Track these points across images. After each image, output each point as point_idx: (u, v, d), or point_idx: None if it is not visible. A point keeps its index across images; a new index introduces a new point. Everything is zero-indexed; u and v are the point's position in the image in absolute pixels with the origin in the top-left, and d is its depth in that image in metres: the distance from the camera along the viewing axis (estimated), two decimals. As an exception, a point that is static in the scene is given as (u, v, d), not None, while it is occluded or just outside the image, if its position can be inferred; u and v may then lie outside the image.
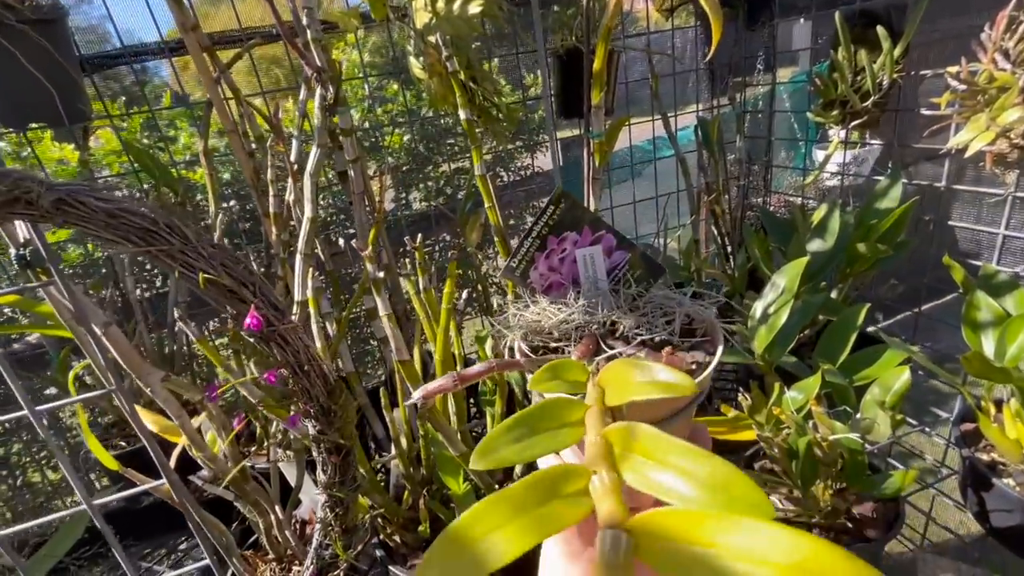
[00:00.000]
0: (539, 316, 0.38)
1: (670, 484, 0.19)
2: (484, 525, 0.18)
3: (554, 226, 0.40)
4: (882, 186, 0.86)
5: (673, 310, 0.38)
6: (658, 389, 0.24)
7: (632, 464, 0.20)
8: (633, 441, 0.21)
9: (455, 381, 0.29)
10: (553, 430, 0.24)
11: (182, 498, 0.44)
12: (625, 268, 0.42)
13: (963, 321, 0.73)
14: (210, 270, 0.36)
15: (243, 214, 1.46)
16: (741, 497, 0.18)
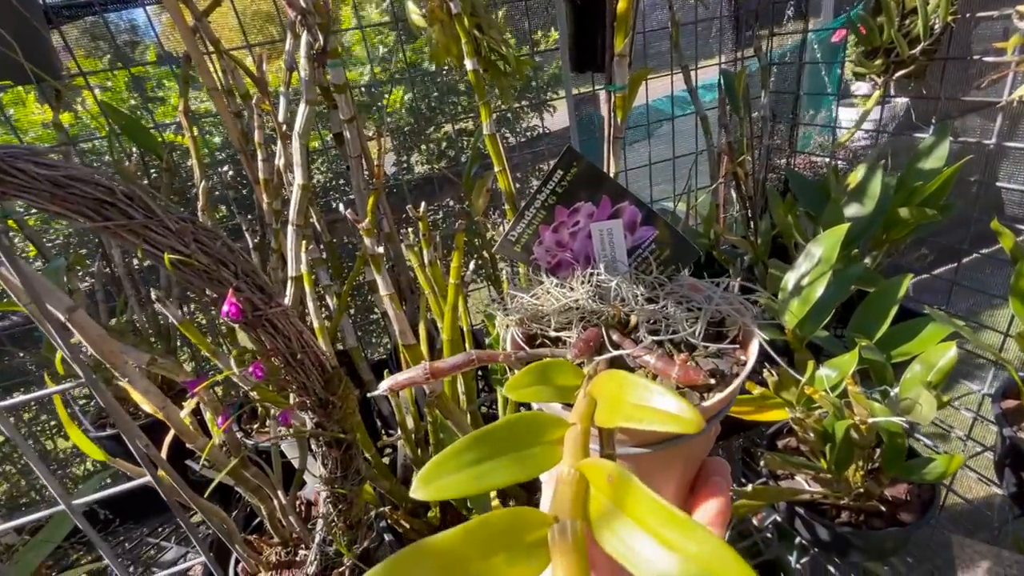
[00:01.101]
0: (540, 299, 0.33)
1: (649, 557, 0.14)
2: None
3: (563, 194, 0.34)
4: (926, 144, 0.79)
5: (700, 305, 0.32)
6: (652, 418, 0.19)
7: (611, 521, 0.16)
8: (616, 489, 0.17)
9: (426, 374, 0.25)
10: (522, 451, 0.19)
11: (171, 495, 0.41)
12: (650, 247, 0.36)
13: (1011, 291, 0.68)
14: (180, 247, 0.31)
15: (238, 180, 1.40)
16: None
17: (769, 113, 1.11)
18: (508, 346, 0.30)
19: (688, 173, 1.12)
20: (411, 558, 0.14)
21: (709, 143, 1.06)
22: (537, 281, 0.35)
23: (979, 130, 1.13)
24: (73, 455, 1.15)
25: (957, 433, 0.96)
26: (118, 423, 0.37)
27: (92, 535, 0.38)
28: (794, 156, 1.19)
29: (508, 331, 0.31)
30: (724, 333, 0.30)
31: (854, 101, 1.77)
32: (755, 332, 0.28)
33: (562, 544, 0.15)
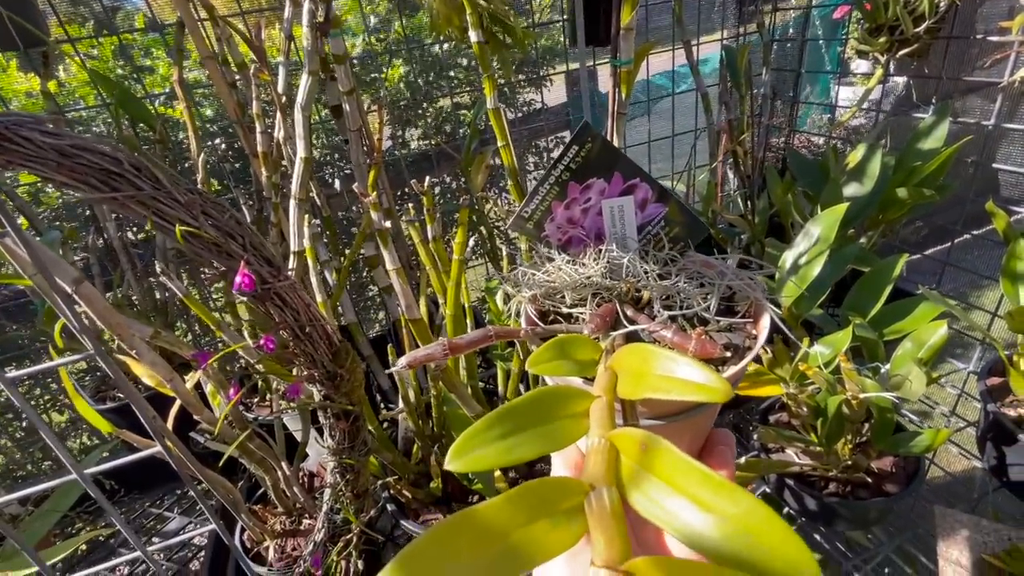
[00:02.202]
0: (552, 276, 0.33)
1: (688, 520, 0.15)
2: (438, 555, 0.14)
3: (576, 170, 0.34)
4: (926, 124, 0.79)
5: (711, 281, 0.32)
6: (681, 389, 0.20)
7: (643, 484, 0.16)
8: (648, 455, 0.17)
9: (444, 350, 0.25)
10: (548, 424, 0.19)
11: (181, 466, 0.41)
12: (660, 225, 0.36)
13: (1002, 272, 0.69)
14: (190, 220, 0.31)
15: (231, 153, 1.37)
16: (777, 550, 0.13)
17: (770, 91, 1.10)
18: (523, 322, 0.31)
19: (688, 151, 1.11)
20: (459, 525, 0.14)
21: (709, 120, 1.05)
22: (547, 258, 0.35)
23: (979, 111, 1.14)
24: (69, 429, 1.15)
25: (941, 409, 0.99)
26: (127, 394, 0.37)
27: (103, 502, 0.38)
28: (793, 135, 1.18)
29: (522, 307, 0.31)
30: (734, 308, 0.31)
31: (853, 80, 1.76)
32: (766, 306, 0.29)
33: (599, 511, 0.15)
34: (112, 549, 0.86)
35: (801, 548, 0.13)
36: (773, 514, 0.14)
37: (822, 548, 0.77)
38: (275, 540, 0.61)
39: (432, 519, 0.61)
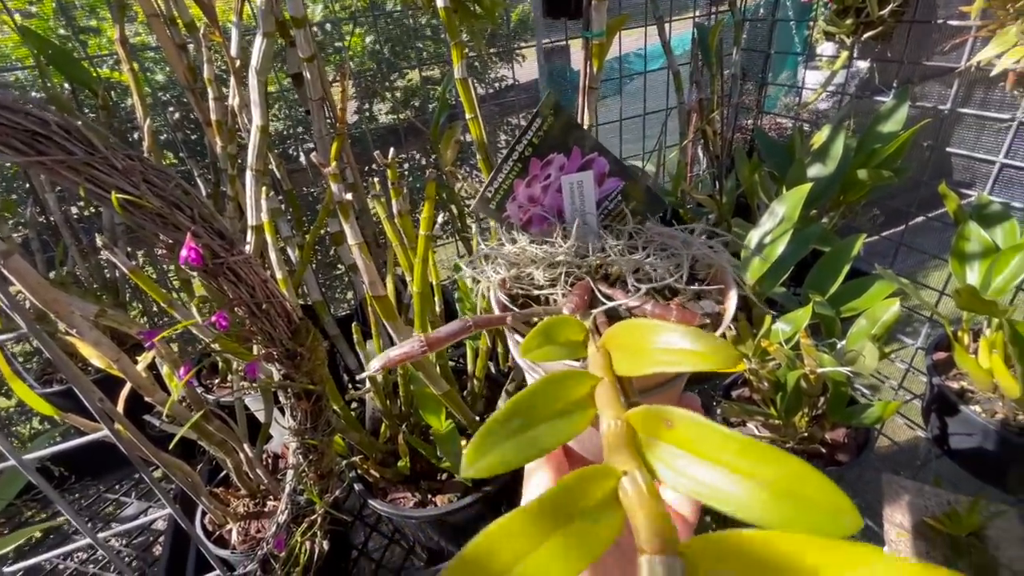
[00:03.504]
0: (518, 258, 0.32)
1: (721, 486, 0.15)
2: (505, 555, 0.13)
3: (539, 145, 0.33)
4: (887, 108, 0.81)
5: (677, 251, 0.33)
6: (688, 359, 0.19)
7: (665, 458, 0.16)
8: (665, 429, 0.17)
9: (423, 346, 0.24)
10: (558, 413, 0.19)
11: (131, 450, 0.39)
12: (617, 199, 0.35)
13: (951, 252, 0.72)
14: (129, 188, 0.28)
15: (188, 124, 1.30)
16: (819, 502, 0.13)
17: (740, 71, 1.11)
18: (495, 308, 0.30)
19: (659, 130, 1.11)
20: (502, 532, 0.14)
21: (680, 100, 1.05)
22: (510, 240, 0.34)
23: (937, 96, 1.17)
24: (16, 414, 1.09)
25: (891, 383, 1.04)
26: (67, 375, 0.35)
27: (47, 490, 0.36)
28: (761, 116, 1.20)
29: (490, 293, 0.30)
30: (697, 276, 0.31)
31: (819, 64, 1.79)
32: (730, 270, 0.29)
33: (637, 495, 0.15)
34: (67, 535, 0.83)
35: (843, 499, 0.14)
36: (808, 467, 0.14)
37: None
38: (238, 523, 0.60)
39: (400, 498, 0.61)
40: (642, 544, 0.14)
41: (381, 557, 0.76)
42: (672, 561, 0.13)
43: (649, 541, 0.14)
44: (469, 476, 0.16)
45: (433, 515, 0.58)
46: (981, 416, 0.66)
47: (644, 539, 0.14)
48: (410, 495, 0.61)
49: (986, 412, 0.67)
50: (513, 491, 0.62)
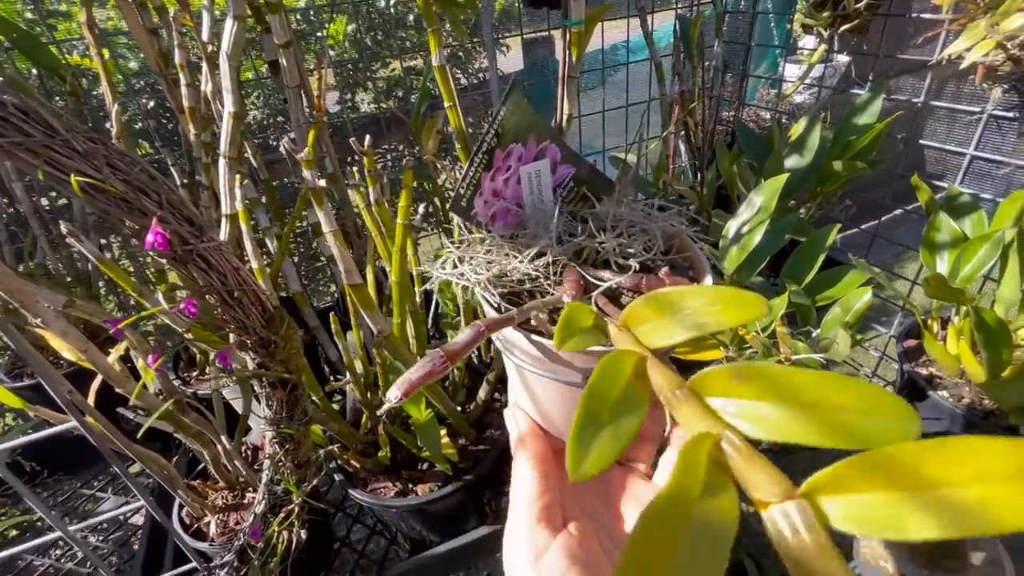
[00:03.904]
0: (494, 256, 0.32)
1: (804, 422, 0.16)
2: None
3: (502, 136, 0.32)
4: (862, 100, 0.82)
5: (645, 226, 0.33)
6: (722, 318, 0.20)
7: (743, 412, 0.17)
8: (735, 384, 0.17)
9: (443, 362, 0.22)
10: (622, 403, 0.19)
11: (103, 442, 0.39)
12: (570, 186, 0.35)
13: (923, 242, 0.74)
14: (91, 172, 0.28)
15: (161, 112, 1.27)
16: (890, 412, 0.15)
17: (721, 63, 1.12)
18: (487, 309, 0.29)
19: (641, 121, 1.11)
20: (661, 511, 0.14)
21: (662, 91, 1.05)
22: (478, 239, 0.33)
23: (911, 89, 1.19)
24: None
25: (865, 371, 1.07)
26: (33, 365, 0.34)
27: (14, 482, 0.35)
28: (742, 108, 1.21)
29: (480, 295, 0.30)
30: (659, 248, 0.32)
31: (800, 57, 1.81)
32: (690, 239, 0.30)
33: (741, 453, 0.15)
34: (40, 531, 0.81)
35: (903, 406, 0.15)
36: (863, 383, 0.15)
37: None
38: (217, 515, 0.59)
39: (381, 487, 0.61)
40: (763, 498, 0.14)
41: (363, 548, 0.76)
42: (801, 504, 0.13)
43: (771, 492, 0.14)
44: (585, 476, 0.17)
45: (414, 504, 0.58)
46: (948, 401, 0.68)
47: (765, 492, 0.14)
48: (391, 485, 0.61)
49: (953, 397, 0.69)
50: (494, 479, 0.63)
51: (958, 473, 0.12)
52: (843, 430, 0.15)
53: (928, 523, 0.12)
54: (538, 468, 0.30)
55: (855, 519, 0.13)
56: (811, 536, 0.13)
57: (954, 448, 0.13)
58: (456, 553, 0.64)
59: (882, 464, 0.13)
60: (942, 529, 0.12)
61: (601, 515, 0.32)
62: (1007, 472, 0.12)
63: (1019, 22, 0.57)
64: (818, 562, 0.12)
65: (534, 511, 0.29)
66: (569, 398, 0.30)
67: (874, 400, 0.15)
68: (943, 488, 0.12)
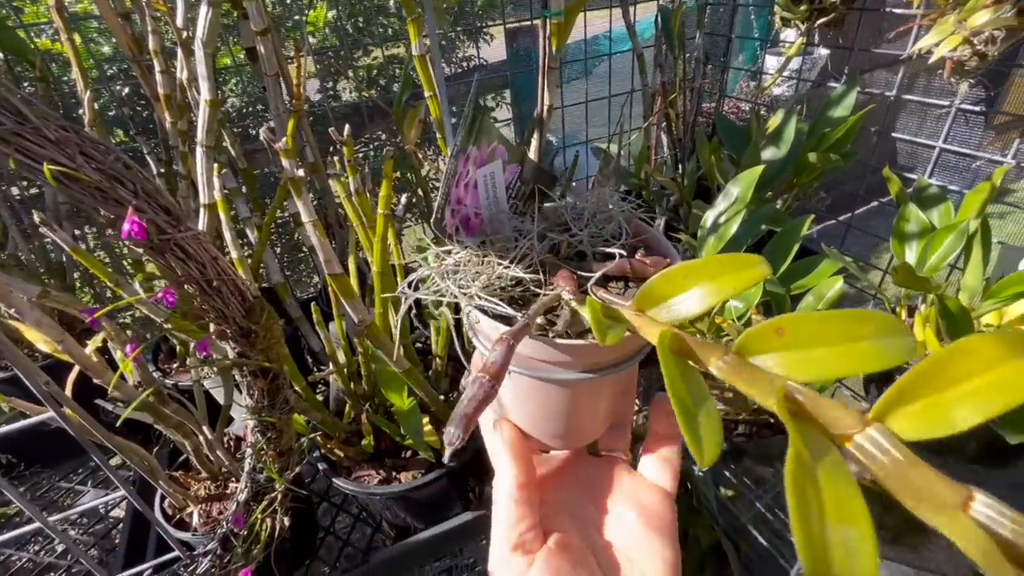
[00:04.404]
0: (479, 267, 0.31)
1: (838, 356, 0.18)
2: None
3: (463, 141, 0.31)
4: (837, 93, 0.84)
5: (610, 215, 0.34)
6: (732, 281, 0.22)
7: (790, 361, 0.18)
8: (777, 337, 0.19)
9: (490, 383, 0.21)
10: (697, 394, 0.20)
11: (81, 433, 0.39)
12: (518, 185, 0.35)
13: (892, 232, 0.76)
14: (64, 160, 0.28)
15: (137, 100, 1.24)
16: (894, 329, 0.18)
17: (702, 55, 1.13)
18: (483, 326, 0.29)
19: (622, 112, 1.12)
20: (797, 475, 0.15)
21: (644, 82, 1.06)
22: (444, 252, 0.32)
23: (884, 83, 1.22)
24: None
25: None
26: (7, 356, 0.34)
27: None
28: (722, 100, 1.22)
29: (471, 315, 0.29)
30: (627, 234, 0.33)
31: (781, 50, 1.83)
32: (639, 221, 0.31)
33: (808, 398, 0.17)
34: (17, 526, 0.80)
35: (894, 321, 0.17)
36: (871, 312, 0.17)
37: (732, 483, 0.85)
38: (199, 505, 0.59)
39: (365, 475, 0.62)
40: (844, 432, 0.16)
41: (348, 536, 0.76)
42: (879, 428, 0.15)
43: (848, 424, 0.16)
44: (712, 460, 0.18)
45: (397, 491, 0.59)
46: (915, 385, 0.71)
47: (843, 426, 0.16)
48: (375, 473, 0.62)
49: (919, 381, 0.72)
50: (477, 466, 0.64)
51: (974, 366, 0.15)
52: (869, 355, 0.17)
53: (966, 413, 0.15)
54: (518, 495, 0.30)
55: (914, 428, 0.15)
56: (898, 451, 0.15)
57: (961, 349, 0.15)
58: (440, 539, 0.65)
59: (915, 381, 0.16)
60: (979, 413, 0.15)
61: (588, 512, 0.33)
62: (1001, 356, 0.15)
63: (985, 18, 0.59)
64: (912, 471, 0.14)
65: (511, 540, 0.29)
66: (562, 399, 0.30)
67: (881, 323, 0.17)
68: (964, 383, 0.15)
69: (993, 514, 0.13)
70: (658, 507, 0.32)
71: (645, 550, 0.30)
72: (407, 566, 0.67)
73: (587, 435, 0.35)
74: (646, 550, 0.30)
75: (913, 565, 0.54)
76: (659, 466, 0.33)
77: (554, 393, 0.30)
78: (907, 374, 0.16)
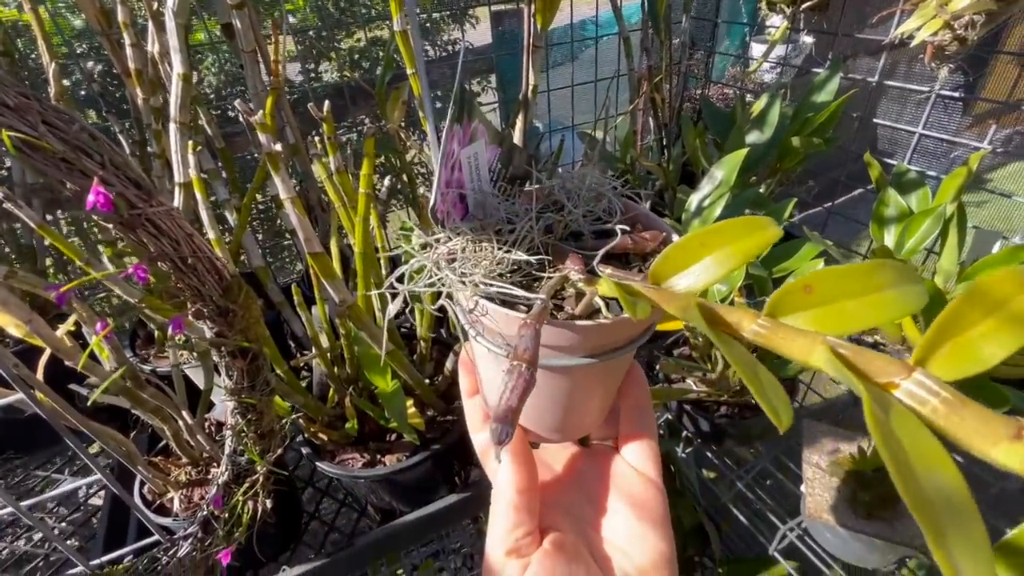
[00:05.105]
0: (477, 253, 0.29)
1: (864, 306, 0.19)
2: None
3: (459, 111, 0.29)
4: (820, 78, 0.84)
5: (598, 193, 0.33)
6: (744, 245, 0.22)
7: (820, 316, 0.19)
8: (806, 295, 0.19)
9: (528, 369, 0.20)
10: (752, 366, 0.19)
11: (54, 417, 0.38)
12: (498, 167, 0.34)
13: (872, 217, 0.77)
14: (25, 129, 0.26)
15: (110, 79, 1.20)
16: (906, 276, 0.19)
17: (688, 40, 1.12)
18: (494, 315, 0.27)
19: (607, 96, 1.12)
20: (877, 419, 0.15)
21: (630, 66, 1.05)
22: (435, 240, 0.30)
23: (867, 68, 1.23)
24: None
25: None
26: (-27, 336, 0.33)
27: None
28: (709, 85, 1.22)
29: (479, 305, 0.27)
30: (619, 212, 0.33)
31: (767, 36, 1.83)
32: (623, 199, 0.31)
33: (849, 350, 0.17)
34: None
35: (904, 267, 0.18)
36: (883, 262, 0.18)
37: (714, 464, 0.87)
38: (180, 491, 0.58)
39: (349, 459, 0.61)
40: (890, 380, 0.16)
41: (333, 520, 0.76)
42: (924, 373, 0.16)
43: (891, 372, 0.16)
44: (788, 424, 0.17)
45: (382, 474, 0.59)
46: (891, 366, 0.73)
47: (888, 375, 0.16)
48: (359, 456, 0.62)
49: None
50: (462, 449, 0.64)
51: (992, 304, 0.16)
52: (893, 303, 0.18)
53: (994, 348, 0.16)
54: (518, 500, 0.29)
55: (951, 370, 0.16)
56: (947, 392, 0.15)
57: (978, 290, 0.16)
58: (426, 521, 0.65)
59: (942, 328, 0.16)
60: (1005, 347, 0.15)
61: (582, 508, 0.33)
62: (1013, 291, 0.16)
63: (965, 2, 0.59)
64: (965, 409, 0.15)
65: (507, 545, 0.29)
66: (562, 388, 0.30)
67: (899, 272, 0.18)
68: (985, 322, 0.16)
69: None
70: (650, 500, 0.32)
71: (639, 543, 0.30)
72: (393, 549, 0.67)
73: (584, 427, 0.35)
74: (640, 543, 0.30)
75: (888, 538, 0.56)
76: (640, 457, 0.33)
77: (553, 382, 0.29)
78: (937, 321, 0.16)
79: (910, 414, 0.16)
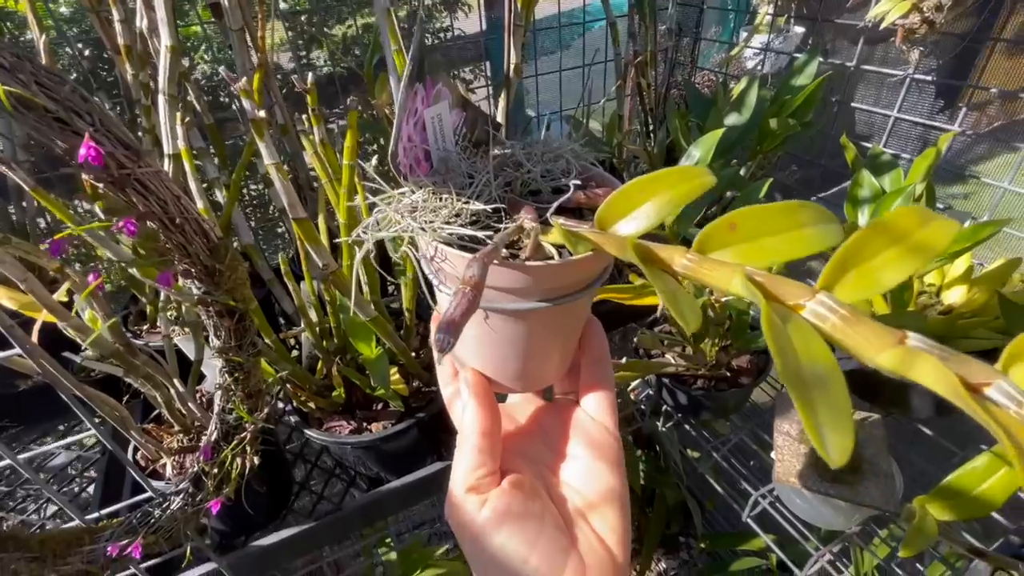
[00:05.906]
0: (438, 204, 0.30)
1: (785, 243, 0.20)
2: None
3: (411, 75, 0.29)
4: (800, 63, 0.86)
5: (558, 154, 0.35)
6: (677, 190, 0.23)
7: (746, 251, 0.21)
8: (730, 232, 0.21)
9: (474, 292, 0.22)
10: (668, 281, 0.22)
11: (48, 376, 0.39)
12: (463, 131, 0.36)
13: (847, 198, 0.80)
14: (16, 86, 0.28)
15: (101, 64, 1.21)
16: (823, 216, 0.21)
17: (675, 26, 1.14)
18: (452, 259, 0.28)
19: (600, 86, 1.13)
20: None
21: (617, 52, 1.07)
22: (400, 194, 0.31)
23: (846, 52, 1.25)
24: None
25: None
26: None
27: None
28: (695, 72, 1.24)
29: (437, 250, 0.29)
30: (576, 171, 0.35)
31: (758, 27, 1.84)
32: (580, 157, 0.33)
33: (766, 278, 0.19)
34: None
35: (822, 210, 0.20)
36: (807, 203, 0.20)
37: (691, 436, 0.90)
38: (172, 457, 0.60)
39: (336, 426, 0.64)
40: (798, 301, 0.18)
41: (322, 490, 0.79)
42: (827, 294, 0.18)
43: (800, 294, 0.18)
44: (695, 329, 0.20)
45: (368, 441, 0.61)
46: (862, 341, 0.75)
47: (796, 296, 0.18)
48: (346, 424, 0.64)
49: (866, 337, 0.76)
50: (445, 419, 0.66)
51: (893, 237, 0.18)
52: (812, 239, 0.20)
53: (891, 274, 0.18)
54: (481, 443, 0.31)
55: (852, 292, 0.18)
56: (845, 310, 0.17)
57: (881, 224, 0.18)
58: (412, 487, 0.67)
59: (847, 256, 0.18)
60: (900, 273, 0.18)
61: (542, 455, 0.35)
62: (912, 226, 0.18)
63: (932, -15, 0.61)
64: (858, 323, 0.17)
65: (468, 483, 0.31)
66: (520, 333, 0.31)
67: (816, 212, 0.20)
68: (886, 251, 0.18)
69: (922, 344, 0.16)
70: (605, 444, 0.33)
71: (592, 482, 0.32)
72: (380, 514, 0.70)
73: (546, 377, 0.36)
74: (593, 481, 0.32)
75: (850, 499, 0.59)
76: (598, 407, 0.35)
77: (511, 327, 0.31)
78: (839, 250, 0.18)
79: (806, 324, 0.18)
